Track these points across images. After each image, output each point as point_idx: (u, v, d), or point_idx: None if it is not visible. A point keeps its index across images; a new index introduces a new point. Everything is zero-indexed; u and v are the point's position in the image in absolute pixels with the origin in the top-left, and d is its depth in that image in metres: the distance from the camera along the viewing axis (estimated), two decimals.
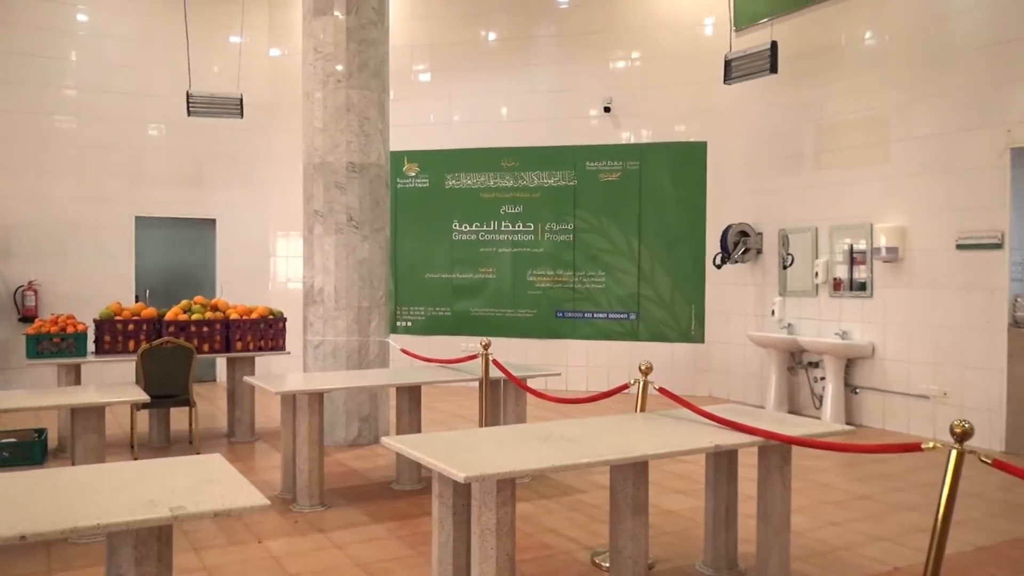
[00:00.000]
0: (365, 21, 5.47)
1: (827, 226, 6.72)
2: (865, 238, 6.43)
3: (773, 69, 6.31)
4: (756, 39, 6.94)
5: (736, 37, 7.21)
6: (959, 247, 5.82)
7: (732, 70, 6.52)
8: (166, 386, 5.07)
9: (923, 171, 6.05)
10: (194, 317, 5.54)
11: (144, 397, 3.88)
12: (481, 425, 4.33)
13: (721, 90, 7.34)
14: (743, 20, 7.31)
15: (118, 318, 5.47)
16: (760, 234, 7.30)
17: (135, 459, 4.81)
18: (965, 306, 5.76)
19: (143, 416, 6.02)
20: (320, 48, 5.44)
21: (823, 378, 6.61)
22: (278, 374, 5.93)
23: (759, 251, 7.31)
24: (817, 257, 6.82)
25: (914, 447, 2.37)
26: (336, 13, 5.42)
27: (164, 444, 5.62)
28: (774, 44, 6.34)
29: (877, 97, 6.33)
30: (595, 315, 8.01)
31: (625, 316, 7.94)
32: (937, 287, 5.94)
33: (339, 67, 5.45)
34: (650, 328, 7.86)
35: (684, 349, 7.84)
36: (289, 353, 5.91)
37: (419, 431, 4.58)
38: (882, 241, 6.21)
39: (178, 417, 6.21)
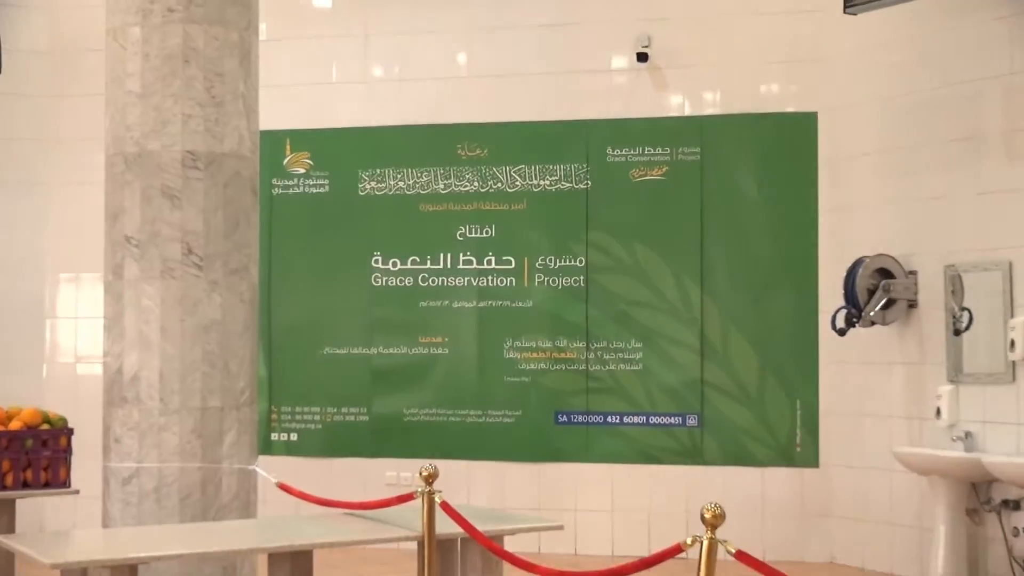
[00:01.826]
0: None
1: None
2: None
3: None
4: None
5: None
6: None
7: None
8: None
9: None
10: None
11: None
12: None
13: (841, 25, 6.72)
14: None
15: None
16: (913, 274, 6.56)
17: None
18: None
19: None
20: None
21: None
22: (57, 531, 6.27)
23: (911, 304, 6.56)
24: (1013, 314, 6.19)
25: None
26: None
27: None
28: None
29: None
30: (625, 420, 7.16)
31: (679, 421, 7.09)
32: None
33: None
34: (723, 442, 7.12)
35: (783, 479, 7.10)
36: (77, 493, 5.48)
37: None
38: None
39: None
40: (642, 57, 7.06)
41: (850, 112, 7.01)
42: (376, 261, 7.47)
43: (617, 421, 7.20)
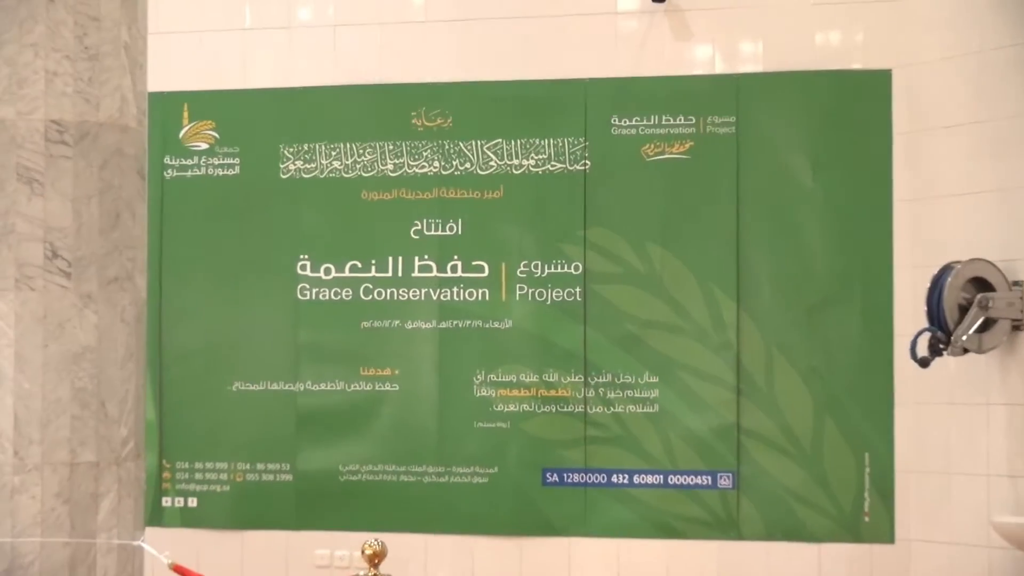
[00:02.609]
0: None
1: None
2: None
3: None
4: None
5: None
6: None
7: None
8: None
9: None
10: None
11: None
12: None
13: None
14: None
15: None
16: (1019, 286, 6.01)
17: None
18: None
19: None
20: None
21: None
22: None
23: (1016, 325, 5.98)
24: None
25: None
26: None
27: None
28: None
29: None
30: (637, 479, 6.43)
31: (708, 482, 6.38)
32: None
33: None
34: (768, 510, 6.37)
35: (847, 558, 6.40)
36: None
37: None
38: None
39: None
40: None
41: (935, 70, 6.18)
42: (303, 267, 6.65)
43: (625, 481, 6.36)
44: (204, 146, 6.76)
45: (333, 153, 6.65)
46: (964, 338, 5.63)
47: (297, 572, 6.29)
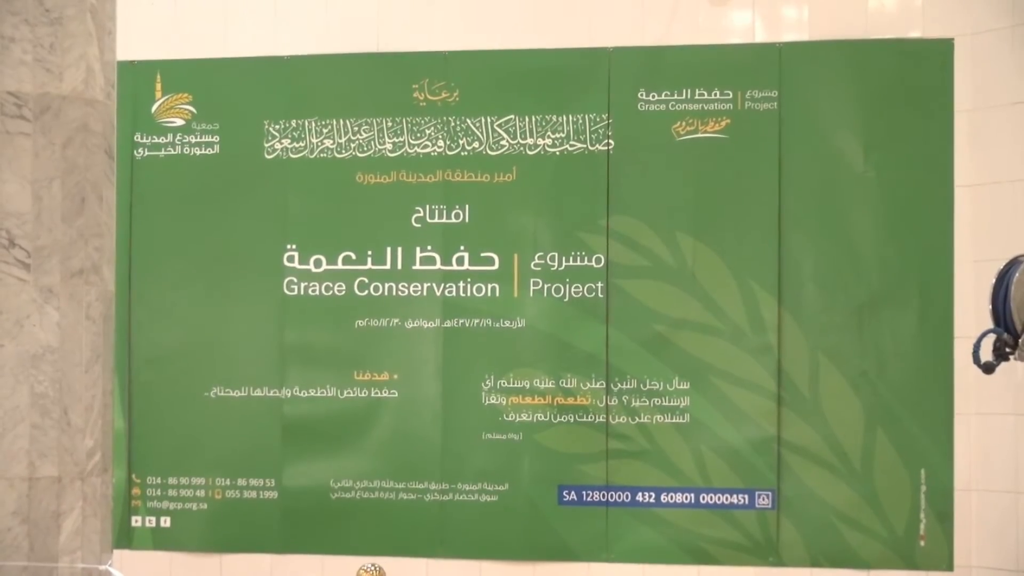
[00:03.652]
0: None
1: None
2: None
3: None
4: None
5: None
6: None
7: None
8: None
9: None
10: None
11: None
12: None
13: None
14: None
15: None
16: None
17: None
18: None
19: None
20: None
21: None
22: None
23: None
24: None
25: None
26: None
27: None
28: None
29: None
30: (665, 498, 5.98)
31: (745, 501, 5.91)
32: None
33: None
34: (811, 532, 5.96)
35: None
36: None
37: None
38: None
39: None
40: None
41: (1003, 38, 5.79)
42: (291, 258, 6.22)
43: (652, 500, 5.95)
44: (179, 122, 6.32)
45: (324, 131, 6.20)
46: None
47: None
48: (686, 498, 5.90)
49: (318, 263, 6.16)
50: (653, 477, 5.95)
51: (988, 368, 4.92)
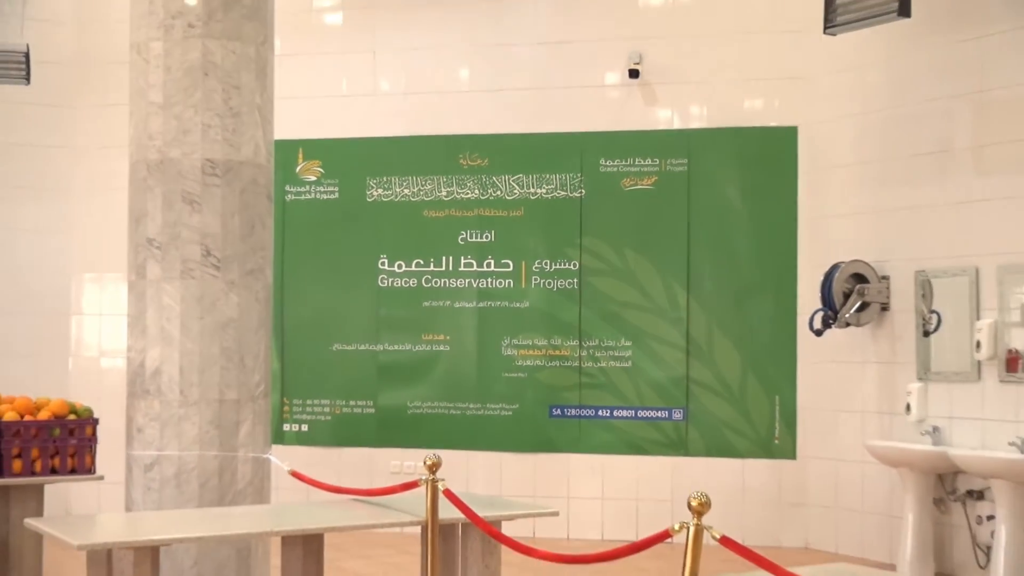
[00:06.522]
0: None
1: (994, 265, 6.42)
2: None
3: (904, 11, 6.10)
4: None
5: None
6: None
7: (837, 12, 6.41)
8: None
9: None
10: None
11: None
12: None
13: (820, 45, 7.00)
14: None
15: None
16: (885, 279, 6.86)
17: None
18: None
19: None
20: None
21: (991, 517, 6.22)
22: (83, 515, 6.20)
23: (884, 307, 6.87)
24: (979, 317, 6.45)
25: None
26: None
27: None
28: None
29: None
30: (616, 413, 7.51)
31: (665, 415, 7.41)
32: None
33: (191, 2, 5.11)
34: (707, 435, 7.40)
35: (763, 470, 7.37)
36: (102, 479, 5.57)
37: None
38: None
39: None
40: (633, 73, 7.34)
41: (828, 127, 7.30)
42: (382, 263, 7.78)
43: (608, 415, 7.50)
44: (313, 178, 7.93)
45: (403, 183, 7.76)
46: (847, 316, 6.69)
47: (378, 477, 7.05)
48: (629, 413, 7.44)
49: (400, 266, 7.72)
50: (608, 400, 7.47)
51: (819, 333, 6.80)
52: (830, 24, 6.36)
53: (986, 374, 6.31)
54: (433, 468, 4.18)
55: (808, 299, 7.10)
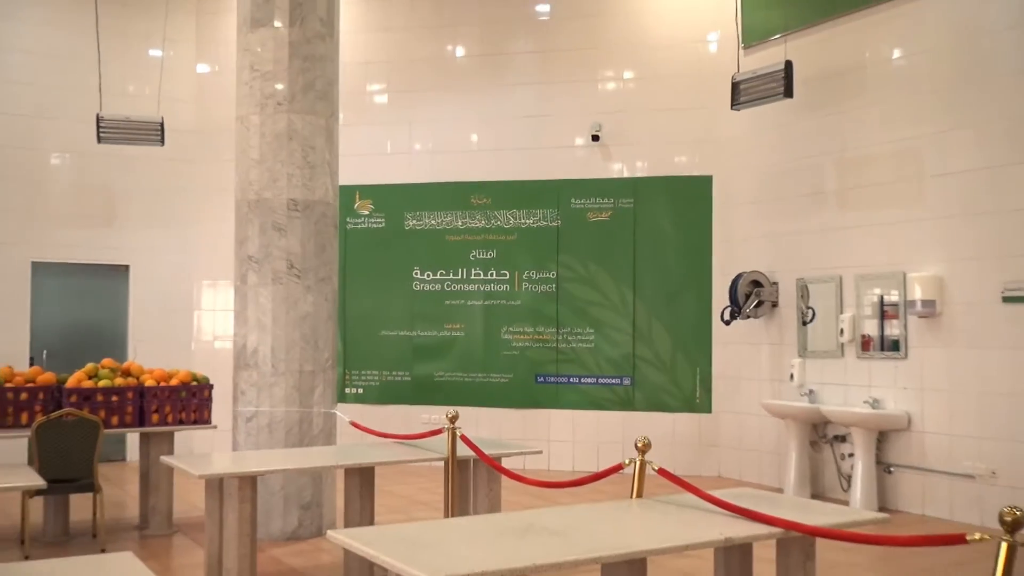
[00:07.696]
0: (311, 34, 5.63)
1: (853, 275, 6.89)
2: (897, 289, 6.62)
3: (788, 93, 6.57)
4: (768, 58, 7.17)
5: (745, 56, 7.52)
6: (1006, 299, 5.97)
7: (740, 94, 6.82)
8: (66, 468, 5.13)
9: (963, 211, 6.25)
10: (101, 384, 5.60)
11: (39, 482, 3.90)
12: (447, 514, 4.43)
13: (728, 117, 7.48)
14: (753, 36, 7.61)
15: (8, 385, 5.49)
16: (776, 284, 7.47)
17: (26, 558, 4.89)
18: (1016, 369, 5.88)
19: (37, 504, 5.71)
20: (257, 65, 5.60)
21: (851, 455, 6.75)
22: (202, 453, 6.19)
23: (774, 304, 7.49)
24: (842, 311, 6.96)
25: (958, 539, 2.42)
26: (277, 24, 5.57)
27: (62, 538, 5.62)
28: (788, 64, 6.63)
29: (909, 126, 6.57)
30: (582, 380, 8.17)
31: (618, 381, 8.09)
32: (982, 346, 6.10)
33: (280, 87, 5.58)
34: (648, 396, 8.02)
35: (688, 421, 8.01)
36: (215, 427, 6.04)
37: (372, 522, 4.68)
38: (917, 293, 6.37)
39: (80, 505, 6.02)
40: (595, 138, 8.22)
41: (734, 175, 7.96)
42: (416, 273, 8.53)
43: (577, 381, 8.25)
44: (367, 212, 8.72)
45: (431, 216, 8.52)
46: (748, 311, 7.41)
47: (413, 427, 7.34)
48: (592, 380, 8.23)
49: (428, 275, 8.49)
50: (577, 371, 8.23)
51: (727, 323, 7.50)
52: (736, 102, 7.00)
53: (847, 352, 6.92)
54: (453, 420, 4.38)
55: (720, 298, 7.82)
